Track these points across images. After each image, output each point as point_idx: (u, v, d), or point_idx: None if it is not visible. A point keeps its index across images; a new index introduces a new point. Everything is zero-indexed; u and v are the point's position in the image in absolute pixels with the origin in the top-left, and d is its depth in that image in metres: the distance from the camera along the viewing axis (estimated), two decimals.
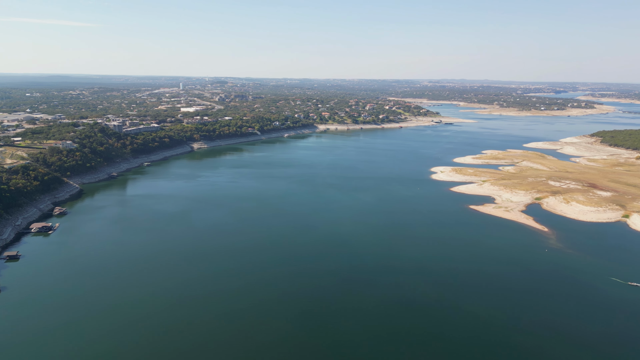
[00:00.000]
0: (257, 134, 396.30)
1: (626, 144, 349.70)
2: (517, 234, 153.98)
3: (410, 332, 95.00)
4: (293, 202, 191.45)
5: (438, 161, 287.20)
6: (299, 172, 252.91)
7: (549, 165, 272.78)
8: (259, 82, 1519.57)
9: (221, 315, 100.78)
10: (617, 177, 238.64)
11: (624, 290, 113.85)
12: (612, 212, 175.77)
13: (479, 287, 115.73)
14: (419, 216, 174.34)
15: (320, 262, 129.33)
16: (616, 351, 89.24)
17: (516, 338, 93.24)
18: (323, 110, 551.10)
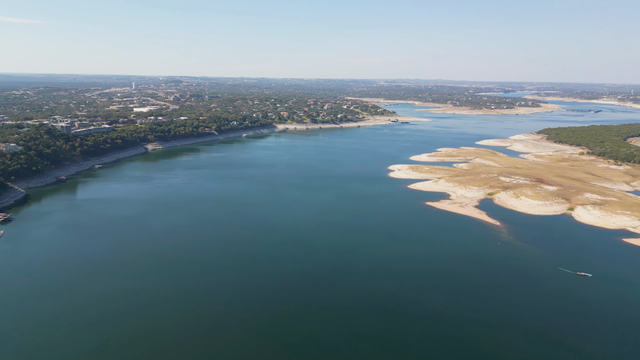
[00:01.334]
0: (214, 134, 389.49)
1: (570, 140, 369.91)
2: (472, 229, 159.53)
3: (372, 329, 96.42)
4: (253, 203, 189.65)
5: (395, 159, 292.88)
6: (258, 172, 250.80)
7: (500, 162, 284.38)
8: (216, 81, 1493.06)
9: (179, 319, 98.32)
10: (562, 172, 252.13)
11: (573, 280, 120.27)
12: (558, 205, 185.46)
13: (437, 281, 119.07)
14: (379, 214, 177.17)
15: (281, 262, 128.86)
16: (567, 338, 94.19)
17: (473, 330, 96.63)
18: (282, 109, 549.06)
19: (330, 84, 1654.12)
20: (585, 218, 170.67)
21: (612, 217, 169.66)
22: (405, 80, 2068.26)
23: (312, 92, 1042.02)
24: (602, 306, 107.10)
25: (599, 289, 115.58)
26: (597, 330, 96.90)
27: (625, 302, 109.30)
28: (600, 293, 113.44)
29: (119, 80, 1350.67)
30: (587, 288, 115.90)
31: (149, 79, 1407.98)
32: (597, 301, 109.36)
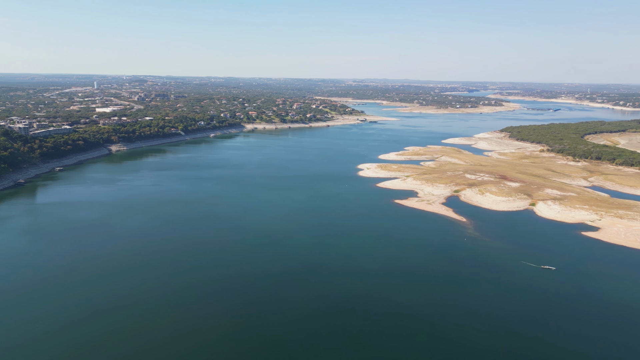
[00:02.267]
0: (181, 135, 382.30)
1: (531, 138, 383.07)
2: (439, 225, 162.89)
3: (343, 328, 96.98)
4: (222, 204, 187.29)
5: (364, 158, 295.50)
6: (227, 173, 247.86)
7: (465, 160, 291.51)
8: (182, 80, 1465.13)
9: (146, 322, 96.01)
10: (524, 169, 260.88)
11: (538, 273, 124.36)
12: (521, 201, 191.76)
13: (406, 278, 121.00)
14: (348, 212, 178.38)
15: (252, 263, 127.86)
16: (533, 330, 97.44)
17: (441, 324, 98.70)
18: (250, 109, 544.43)
19: (299, 83, 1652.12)
20: (546, 213, 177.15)
21: (571, 211, 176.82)
22: (372, 80, 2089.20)
23: (280, 91, 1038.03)
24: (566, 298, 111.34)
25: (562, 281, 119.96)
26: (561, 322, 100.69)
27: (587, 293, 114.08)
28: (564, 285, 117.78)
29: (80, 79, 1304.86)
30: (551, 281, 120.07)
31: (112, 79, 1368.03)
32: (561, 293, 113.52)
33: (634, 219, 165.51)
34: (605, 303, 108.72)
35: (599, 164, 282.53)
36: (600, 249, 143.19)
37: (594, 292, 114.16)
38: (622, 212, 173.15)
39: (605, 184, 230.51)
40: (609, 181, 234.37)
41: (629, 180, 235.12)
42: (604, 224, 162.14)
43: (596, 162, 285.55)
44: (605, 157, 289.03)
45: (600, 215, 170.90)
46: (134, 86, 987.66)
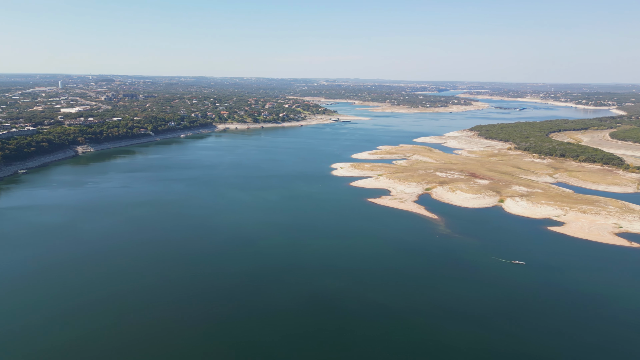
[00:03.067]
0: (150, 135, 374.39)
1: (499, 136, 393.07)
2: (411, 223, 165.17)
3: (318, 327, 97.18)
4: (194, 205, 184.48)
5: (338, 157, 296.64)
6: (198, 174, 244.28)
7: (436, 158, 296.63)
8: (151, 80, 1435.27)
9: (116, 326, 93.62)
10: (492, 167, 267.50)
11: (509, 268, 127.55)
12: (490, 198, 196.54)
13: (381, 276, 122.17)
14: (323, 212, 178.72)
15: (225, 265, 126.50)
16: (504, 324, 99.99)
17: (415, 320, 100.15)
18: (222, 109, 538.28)
19: (271, 83, 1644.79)
20: (514, 209, 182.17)
21: (538, 207, 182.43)
22: (345, 80, 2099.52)
23: (252, 91, 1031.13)
24: (535, 292, 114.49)
25: (531, 276, 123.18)
26: (531, 315, 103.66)
27: (554, 287, 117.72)
28: (533, 280, 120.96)
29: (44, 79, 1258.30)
30: (521, 276, 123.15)
31: (77, 78, 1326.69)
32: (530, 288, 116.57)
33: (597, 214, 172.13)
34: (571, 296, 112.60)
35: (563, 161, 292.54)
36: (566, 243, 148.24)
37: (560, 286, 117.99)
38: (586, 207, 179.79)
39: (569, 180, 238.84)
40: (573, 177, 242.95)
41: (592, 176, 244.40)
42: (568, 219, 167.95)
43: (561, 159, 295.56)
44: (569, 154, 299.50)
45: (565, 210, 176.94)
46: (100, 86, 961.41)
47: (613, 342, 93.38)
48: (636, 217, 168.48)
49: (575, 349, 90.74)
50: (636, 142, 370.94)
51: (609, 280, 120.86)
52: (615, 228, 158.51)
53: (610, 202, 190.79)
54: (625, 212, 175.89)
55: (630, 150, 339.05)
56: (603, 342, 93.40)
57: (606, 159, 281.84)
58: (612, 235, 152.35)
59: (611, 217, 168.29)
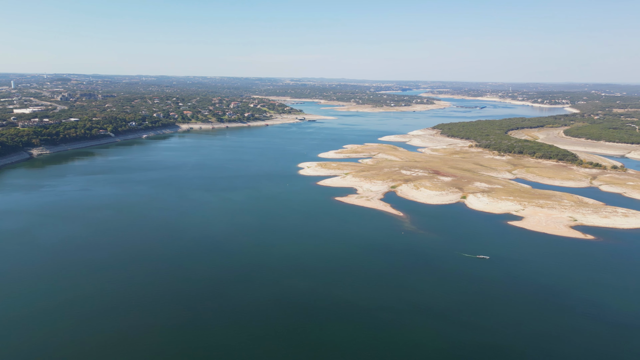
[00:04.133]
0: (110, 136, 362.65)
1: (460, 134, 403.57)
2: (378, 221, 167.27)
3: (287, 327, 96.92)
4: (157, 208, 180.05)
5: (304, 157, 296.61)
6: (162, 175, 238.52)
7: (401, 156, 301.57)
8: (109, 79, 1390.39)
9: (69, 334, 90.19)
10: (455, 164, 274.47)
11: (474, 263, 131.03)
12: (453, 194, 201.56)
13: (348, 273, 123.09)
14: (290, 212, 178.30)
15: (190, 268, 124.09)
16: (469, 316, 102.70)
17: (383, 316, 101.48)
18: (185, 108, 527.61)
19: (235, 82, 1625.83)
20: (476, 205, 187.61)
21: (498, 202, 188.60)
22: (310, 79, 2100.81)
23: (216, 90, 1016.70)
24: (498, 285, 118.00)
25: (495, 269, 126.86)
26: (495, 307, 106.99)
27: (515, 279, 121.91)
28: (497, 273, 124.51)
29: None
30: (486, 269, 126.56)
31: (31, 78, 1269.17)
32: (494, 281, 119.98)
33: (553, 208, 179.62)
34: (531, 288, 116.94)
35: (521, 157, 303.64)
36: (525, 236, 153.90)
37: (521, 278, 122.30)
38: (543, 202, 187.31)
39: (527, 176, 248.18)
40: (531, 173, 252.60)
41: (548, 172, 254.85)
42: (527, 213, 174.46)
43: (519, 156, 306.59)
44: (526, 151, 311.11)
45: (523, 205, 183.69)
46: (56, 85, 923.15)
47: (568, 330, 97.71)
48: (589, 211, 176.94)
49: (533, 338, 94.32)
50: (589, 139, 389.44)
51: (565, 272, 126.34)
52: (570, 221, 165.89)
53: (566, 196, 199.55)
54: (579, 205, 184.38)
55: (583, 147, 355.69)
56: (559, 331, 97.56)
57: (561, 155, 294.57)
58: (568, 228, 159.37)
59: (566, 211, 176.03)
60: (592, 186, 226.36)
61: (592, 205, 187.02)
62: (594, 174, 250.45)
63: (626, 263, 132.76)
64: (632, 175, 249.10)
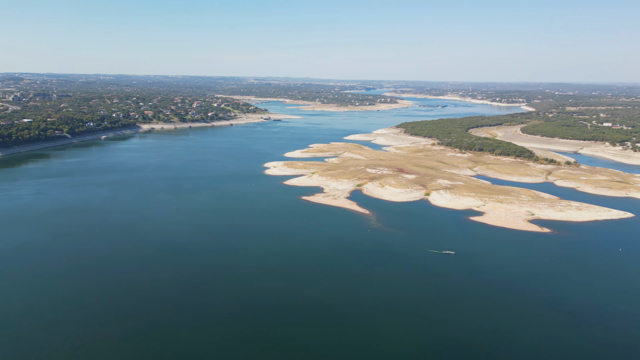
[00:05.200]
0: (67, 137, 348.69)
1: (423, 133, 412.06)
2: (345, 219, 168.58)
3: (254, 328, 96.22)
4: (118, 211, 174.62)
5: (270, 157, 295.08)
6: (123, 177, 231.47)
7: (366, 155, 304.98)
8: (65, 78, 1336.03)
9: (31, 343, 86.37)
10: (418, 162, 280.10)
11: (440, 258, 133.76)
12: (417, 191, 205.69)
13: (317, 273, 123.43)
14: (256, 212, 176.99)
15: (154, 272, 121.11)
16: (437, 311, 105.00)
17: (352, 313, 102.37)
18: (146, 108, 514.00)
19: (198, 81, 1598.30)
20: (439, 201, 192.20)
21: (460, 198, 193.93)
22: (274, 78, 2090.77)
23: (178, 89, 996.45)
24: (463, 279, 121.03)
25: (460, 264, 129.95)
26: (460, 301, 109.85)
27: (478, 273, 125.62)
28: (462, 268, 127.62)
29: None
30: (451, 264, 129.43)
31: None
32: (460, 275, 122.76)
33: (512, 203, 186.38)
34: (494, 280, 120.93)
35: (482, 154, 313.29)
36: (487, 231, 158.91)
37: (484, 272, 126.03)
38: (502, 197, 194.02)
39: (487, 172, 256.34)
40: (490, 170, 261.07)
41: (507, 168, 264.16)
42: (487, 209, 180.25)
43: (479, 153, 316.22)
44: (486, 149, 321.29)
45: (484, 201, 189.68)
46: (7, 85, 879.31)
47: (527, 320, 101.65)
48: (545, 205, 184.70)
49: (496, 329, 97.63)
50: (544, 136, 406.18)
51: (524, 264, 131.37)
52: (528, 215, 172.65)
53: (523, 191, 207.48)
54: (536, 200, 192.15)
55: (539, 144, 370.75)
56: (519, 320, 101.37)
57: (518, 152, 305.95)
58: (526, 222, 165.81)
59: (524, 206, 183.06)
60: (548, 181, 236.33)
61: (548, 199, 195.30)
62: (549, 170, 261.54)
63: (579, 254, 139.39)
64: (584, 171, 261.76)
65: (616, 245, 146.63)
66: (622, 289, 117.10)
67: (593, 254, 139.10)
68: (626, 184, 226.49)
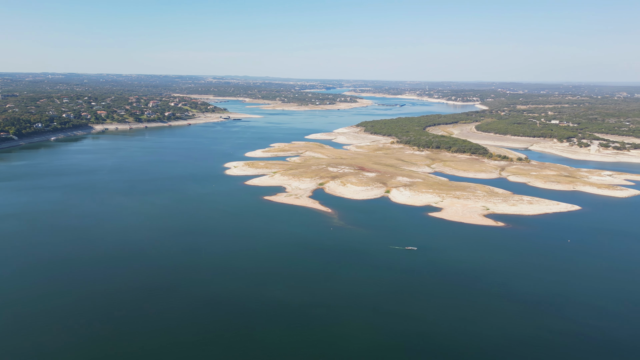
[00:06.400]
0: (13, 139, 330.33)
1: (383, 131, 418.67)
2: (307, 218, 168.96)
3: (216, 330, 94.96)
4: (71, 215, 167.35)
5: (231, 157, 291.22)
6: (75, 180, 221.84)
7: (327, 154, 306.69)
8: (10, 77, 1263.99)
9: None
10: (378, 160, 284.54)
11: (402, 254, 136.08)
12: (377, 189, 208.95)
13: (279, 272, 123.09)
14: (218, 213, 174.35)
15: (109, 278, 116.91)
16: (400, 306, 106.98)
17: (315, 312, 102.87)
18: (99, 108, 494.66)
19: (154, 80, 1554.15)
20: (399, 198, 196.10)
21: (419, 195, 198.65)
22: (233, 77, 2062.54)
23: (133, 88, 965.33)
24: (423, 274, 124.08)
25: (422, 259, 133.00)
26: (423, 296, 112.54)
27: (438, 267, 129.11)
28: (423, 262, 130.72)
29: None
30: (414, 260, 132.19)
31: None
32: (422, 270, 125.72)
33: (468, 198, 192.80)
34: (452, 274, 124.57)
35: (439, 152, 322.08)
36: (445, 226, 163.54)
37: (443, 266, 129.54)
38: (459, 193, 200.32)
39: (444, 169, 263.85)
40: (447, 167, 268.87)
41: (463, 165, 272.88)
42: (445, 205, 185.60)
43: (437, 151, 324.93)
44: (443, 146, 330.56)
45: (442, 197, 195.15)
46: None
47: (483, 311, 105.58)
48: (499, 200, 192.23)
49: (455, 322, 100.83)
50: (497, 133, 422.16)
51: (480, 257, 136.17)
52: (483, 210, 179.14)
53: (479, 187, 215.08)
54: (491, 195, 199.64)
55: (493, 141, 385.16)
56: (476, 312, 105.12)
57: (473, 149, 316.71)
58: (482, 217, 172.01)
59: (480, 201, 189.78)
60: (501, 177, 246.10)
61: (502, 194, 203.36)
62: (502, 166, 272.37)
63: (531, 247, 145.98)
64: (534, 166, 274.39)
65: (565, 237, 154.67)
66: (570, 278, 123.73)
67: (544, 246, 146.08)
68: (573, 179, 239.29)
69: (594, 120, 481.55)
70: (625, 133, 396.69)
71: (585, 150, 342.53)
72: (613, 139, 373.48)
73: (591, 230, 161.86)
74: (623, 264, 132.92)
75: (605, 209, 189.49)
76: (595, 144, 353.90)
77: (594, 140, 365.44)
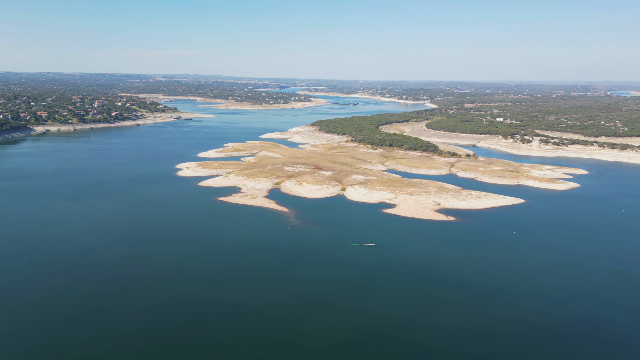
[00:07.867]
0: None
1: (337, 130, 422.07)
2: (264, 218, 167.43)
3: (171, 335, 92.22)
4: (8, 222, 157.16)
5: (183, 157, 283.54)
6: (14, 186, 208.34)
7: (283, 153, 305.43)
8: None
9: None
10: (333, 159, 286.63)
11: (359, 251, 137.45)
12: (333, 187, 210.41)
13: (235, 274, 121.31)
14: (170, 216, 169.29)
15: (54, 287, 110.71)
16: (358, 303, 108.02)
17: (273, 312, 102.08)
18: (39, 109, 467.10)
19: (99, 79, 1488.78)
20: (355, 196, 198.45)
21: (374, 192, 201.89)
22: (184, 76, 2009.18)
23: (76, 88, 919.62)
24: (382, 270, 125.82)
25: (377, 255, 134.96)
26: (381, 292, 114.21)
27: (394, 262, 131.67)
28: (380, 259, 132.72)
29: None
30: (373, 256, 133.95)
31: None
32: (378, 266, 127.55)
33: (420, 194, 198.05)
34: (408, 269, 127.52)
35: (392, 150, 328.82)
36: (399, 222, 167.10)
37: (399, 261, 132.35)
38: (412, 190, 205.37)
39: (397, 166, 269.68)
40: (400, 164, 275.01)
41: (415, 162, 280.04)
42: (399, 201, 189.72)
43: (389, 149, 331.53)
44: (395, 144, 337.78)
45: (395, 193, 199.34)
46: None
47: (438, 304, 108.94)
48: (450, 195, 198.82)
49: (412, 315, 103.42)
50: (446, 131, 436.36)
51: (433, 251, 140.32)
52: (435, 205, 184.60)
53: (430, 183, 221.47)
54: (442, 191, 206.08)
55: (442, 138, 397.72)
56: (431, 305, 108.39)
57: (425, 146, 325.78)
58: (433, 212, 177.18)
59: (431, 197, 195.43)
60: (451, 173, 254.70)
61: (452, 190, 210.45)
62: (452, 162, 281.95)
63: (480, 239, 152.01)
64: (482, 162, 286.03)
65: (511, 228, 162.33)
66: (517, 268, 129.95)
67: (492, 239, 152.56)
68: (517, 173, 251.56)
69: (535, 117, 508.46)
70: (563, 129, 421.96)
71: (528, 146, 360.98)
72: (552, 135, 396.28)
73: (535, 222, 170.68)
74: (564, 254, 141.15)
75: (546, 201, 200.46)
76: (536, 140, 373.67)
77: (535, 137, 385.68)
